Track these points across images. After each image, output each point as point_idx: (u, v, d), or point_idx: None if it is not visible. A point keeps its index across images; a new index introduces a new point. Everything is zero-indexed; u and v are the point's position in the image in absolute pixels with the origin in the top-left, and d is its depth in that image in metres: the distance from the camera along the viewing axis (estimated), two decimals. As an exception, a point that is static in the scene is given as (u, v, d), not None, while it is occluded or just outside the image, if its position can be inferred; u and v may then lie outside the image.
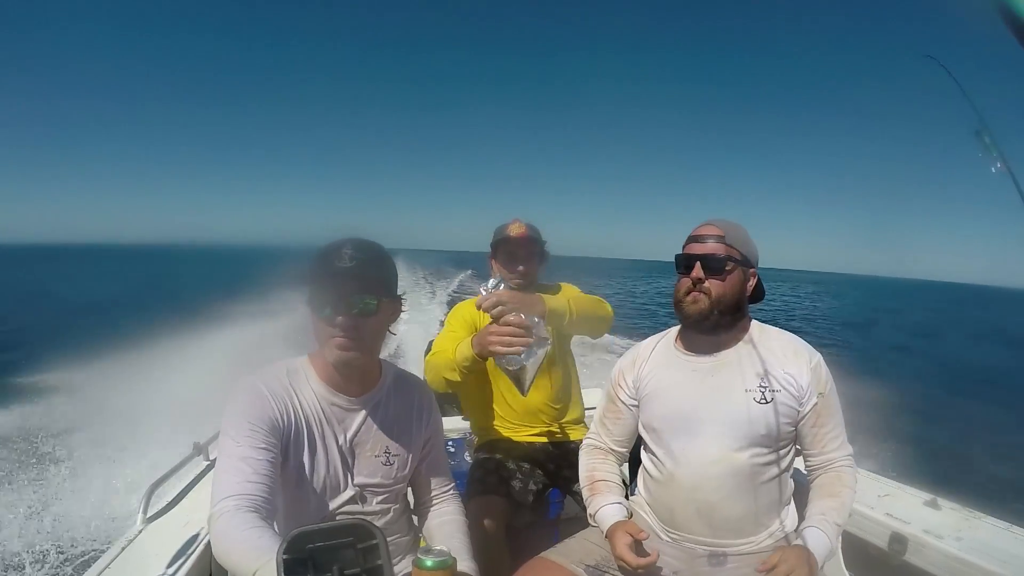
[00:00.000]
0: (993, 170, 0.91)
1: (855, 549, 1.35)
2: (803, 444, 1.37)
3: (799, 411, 1.32)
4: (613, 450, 1.50)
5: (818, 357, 1.36)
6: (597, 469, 1.48)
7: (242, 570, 0.88)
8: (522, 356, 1.33)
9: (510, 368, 1.36)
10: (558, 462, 1.92)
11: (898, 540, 1.52)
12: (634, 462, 1.57)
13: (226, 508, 0.97)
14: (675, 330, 1.50)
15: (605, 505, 1.38)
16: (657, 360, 1.46)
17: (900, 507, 1.64)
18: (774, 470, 1.32)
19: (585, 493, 1.46)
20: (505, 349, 1.34)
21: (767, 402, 1.30)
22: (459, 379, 1.59)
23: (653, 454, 1.42)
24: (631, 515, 1.40)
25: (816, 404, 1.32)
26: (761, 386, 1.31)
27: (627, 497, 1.53)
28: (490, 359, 1.49)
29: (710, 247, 1.35)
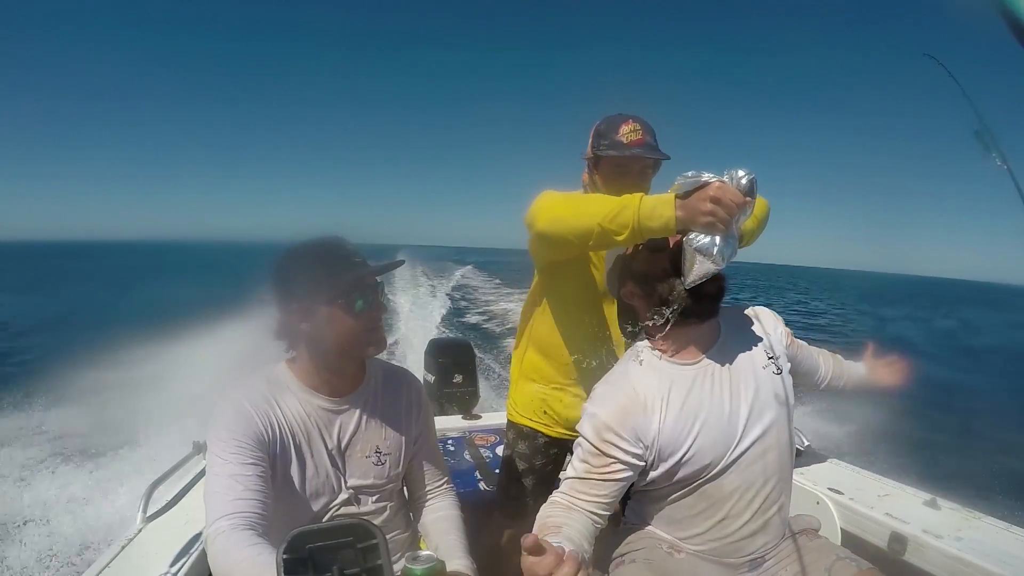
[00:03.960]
0: (993, 167, 0.91)
1: (854, 548, 1.35)
2: (800, 364, 1.40)
3: (788, 356, 1.34)
4: (593, 513, 1.15)
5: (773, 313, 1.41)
6: (552, 516, 1.12)
7: None
8: (717, 248, 1.12)
9: (701, 253, 1.13)
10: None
11: (897, 540, 1.52)
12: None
13: (221, 528, 0.96)
14: (644, 347, 1.29)
15: None
16: (669, 395, 1.20)
17: (899, 507, 1.64)
18: (792, 438, 1.30)
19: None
20: (718, 228, 1.10)
21: (779, 372, 1.27)
22: (589, 242, 1.24)
23: (685, 487, 1.22)
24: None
25: (790, 333, 1.38)
26: (770, 357, 1.28)
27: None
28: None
29: None
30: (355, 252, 1.15)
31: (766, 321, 1.36)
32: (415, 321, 11.76)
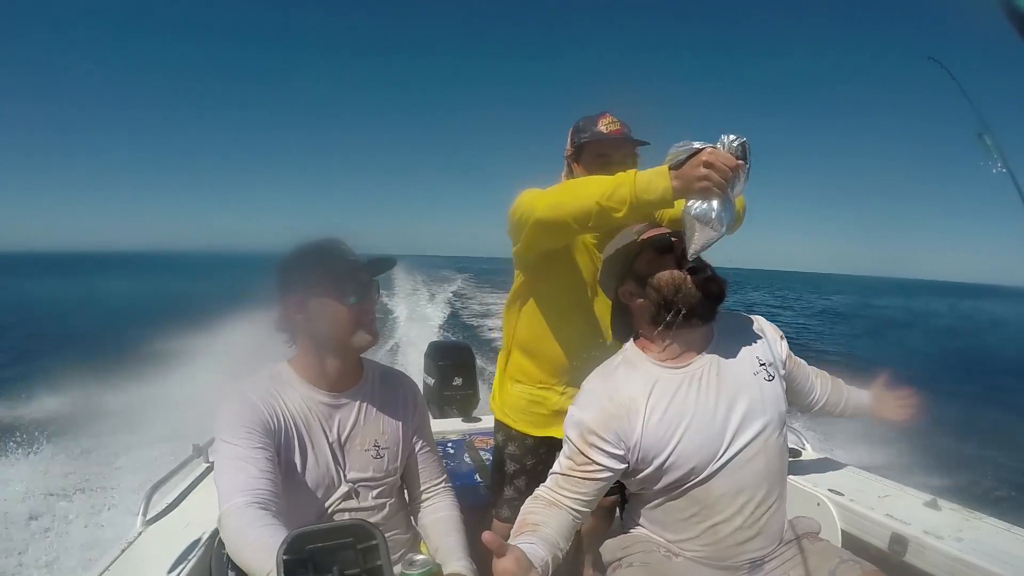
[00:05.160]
0: (994, 171, 0.91)
1: (855, 549, 1.35)
2: (795, 383, 1.42)
3: (785, 373, 1.34)
4: (573, 509, 1.19)
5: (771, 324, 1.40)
6: (533, 513, 1.17)
7: (255, 568, 0.90)
8: (715, 212, 1.11)
9: (700, 221, 1.13)
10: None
11: (898, 541, 1.52)
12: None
13: (236, 505, 0.97)
14: (632, 348, 1.31)
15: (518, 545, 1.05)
16: (652, 398, 1.21)
17: (900, 508, 1.64)
18: (785, 443, 1.30)
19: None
20: (714, 192, 1.10)
21: (771, 379, 1.27)
22: (589, 223, 1.25)
23: (673, 490, 1.23)
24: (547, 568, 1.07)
25: (787, 348, 1.38)
26: (761, 364, 1.28)
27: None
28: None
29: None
30: (350, 251, 1.22)
31: (763, 329, 1.37)
32: (414, 327, 11.79)
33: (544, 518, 1.15)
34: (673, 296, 1.20)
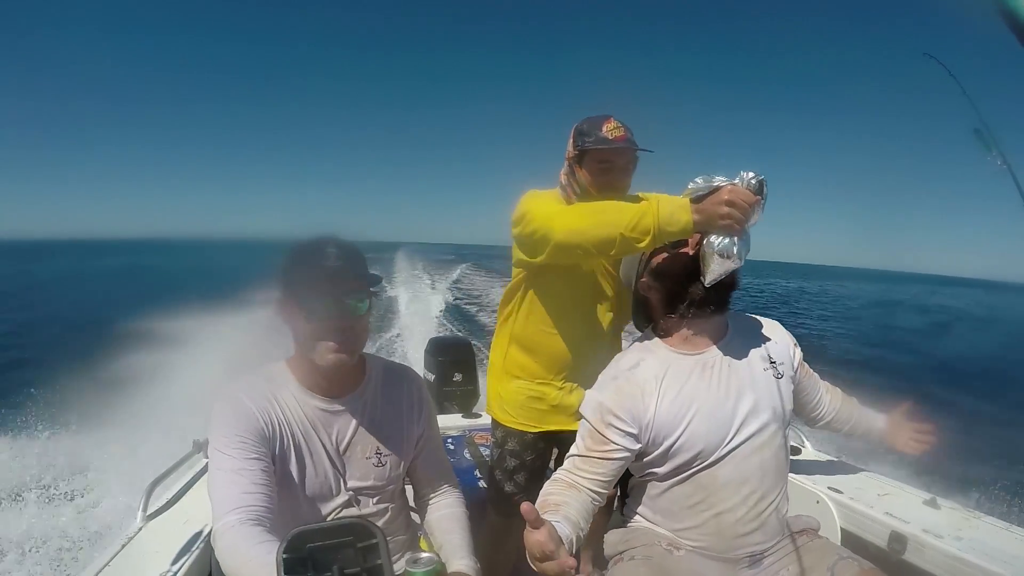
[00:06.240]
0: (993, 167, 0.91)
1: (854, 548, 1.36)
2: (804, 393, 1.45)
3: (795, 376, 1.38)
4: (592, 491, 1.23)
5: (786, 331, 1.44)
6: (553, 494, 1.20)
7: None
8: (736, 247, 1.17)
9: (722, 255, 1.18)
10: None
11: (897, 539, 1.52)
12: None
13: (230, 523, 0.95)
14: (649, 337, 1.38)
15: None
16: (666, 381, 1.26)
17: (899, 506, 1.64)
18: (788, 441, 1.35)
19: None
20: (735, 228, 1.15)
21: (780, 377, 1.32)
22: (611, 251, 1.29)
23: (680, 475, 1.26)
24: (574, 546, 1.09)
25: (801, 356, 1.42)
26: (772, 362, 1.33)
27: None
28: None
29: None
30: (340, 255, 1.09)
31: (776, 332, 1.42)
32: (415, 316, 11.83)
33: (565, 499, 1.18)
34: (687, 286, 1.27)
